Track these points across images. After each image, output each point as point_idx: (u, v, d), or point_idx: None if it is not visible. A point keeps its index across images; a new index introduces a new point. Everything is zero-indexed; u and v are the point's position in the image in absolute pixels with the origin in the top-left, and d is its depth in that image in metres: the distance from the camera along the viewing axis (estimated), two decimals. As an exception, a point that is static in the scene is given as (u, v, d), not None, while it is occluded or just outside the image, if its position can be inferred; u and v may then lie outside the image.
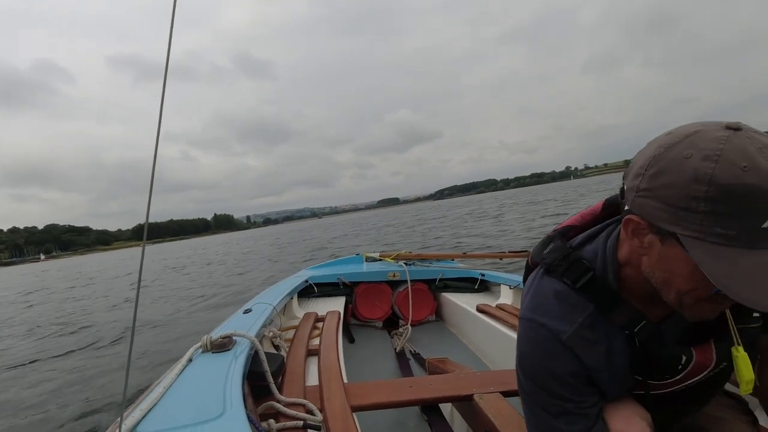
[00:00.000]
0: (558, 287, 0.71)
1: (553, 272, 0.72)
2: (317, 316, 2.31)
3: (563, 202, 24.48)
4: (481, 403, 1.21)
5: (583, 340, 0.68)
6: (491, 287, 3.01)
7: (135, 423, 0.84)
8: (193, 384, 1.03)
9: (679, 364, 0.70)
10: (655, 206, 0.54)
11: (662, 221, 0.54)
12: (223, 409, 0.88)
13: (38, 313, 9.88)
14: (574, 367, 0.69)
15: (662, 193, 0.53)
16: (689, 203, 0.51)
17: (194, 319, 6.40)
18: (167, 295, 9.47)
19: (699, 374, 0.72)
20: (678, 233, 0.53)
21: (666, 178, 0.53)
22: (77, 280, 20.34)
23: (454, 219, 19.13)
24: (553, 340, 0.69)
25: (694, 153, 0.51)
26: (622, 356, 0.69)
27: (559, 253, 0.73)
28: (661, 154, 0.54)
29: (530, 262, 0.83)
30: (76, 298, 12.11)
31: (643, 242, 0.59)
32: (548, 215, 15.67)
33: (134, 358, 4.03)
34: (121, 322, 7.00)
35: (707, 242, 0.51)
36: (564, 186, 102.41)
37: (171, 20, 0.64)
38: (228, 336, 1.29)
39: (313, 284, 2.99)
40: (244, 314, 1.80)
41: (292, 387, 1.36)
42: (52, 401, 3.79)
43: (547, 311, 0.70)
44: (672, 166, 0.52)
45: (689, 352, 0.69)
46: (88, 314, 8.45)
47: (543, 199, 32.11)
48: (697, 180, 0.50)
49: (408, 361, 2.36)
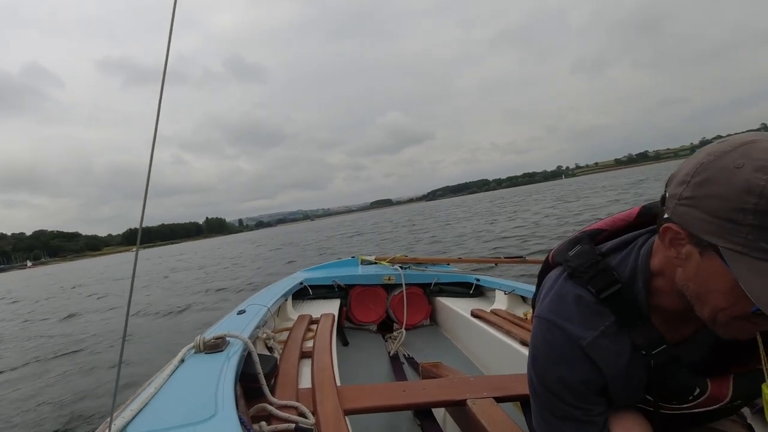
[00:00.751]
0: (581, 293, 0.68)
1: (578, 277, 0.69)
2: (311, 319, 2.30)
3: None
4: (474, 409, 1.21)
5: (602, 349, 0.66)
6: (486, 292, 3.01)
7: (125, 423, 0.83)
8: (184, 385, 1.02)
9: (690, 395, 0.68)
10: (698, 216, 0.52)
11: (704, 232, 0.51)
12: (215, 410, 0.87)
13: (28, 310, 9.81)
14: (588, 374, 0.67)
15: (707, 203, 0.51)
16: (736, 215, 0.48)
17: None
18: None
19: (710, 406, 0.70)
20: (720, 246, 0.50)
21: (713, 188, 0.50)
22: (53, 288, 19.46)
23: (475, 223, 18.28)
24: (571, 344, 0.67)
25: (747, 163, 0.48)
26: (639, 372, 0.68)
27: (586, 259, 0.69)
28: (710, 162, 0.52)
29: (551, 260, 0.79)
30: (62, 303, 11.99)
31: (680, 253, 0.56)
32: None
33: (125, 358, 3.99)
34: (110, 324, 6.93)
35: (751, 257, 0.48)
36: (560, 184, 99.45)
37: (170, 24, 0.63)
38: (221, 337, 1.28)
39: (308, 286, 2.98)
40: (238, 315, 1.79)
41: (285, 389, 1.35)
42: (40, 402, 3.75)
43: (569, 315, 0.68)
44: (721, 176, 0.50)
45: (704, 384, 0.67)
46: (78, 318, 8.37)
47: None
48: (747, 191, 0.47)
49: (402, 365, 2.35)
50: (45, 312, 10.49)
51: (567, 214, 14.77)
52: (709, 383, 0.67)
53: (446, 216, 29.76)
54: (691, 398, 0.68)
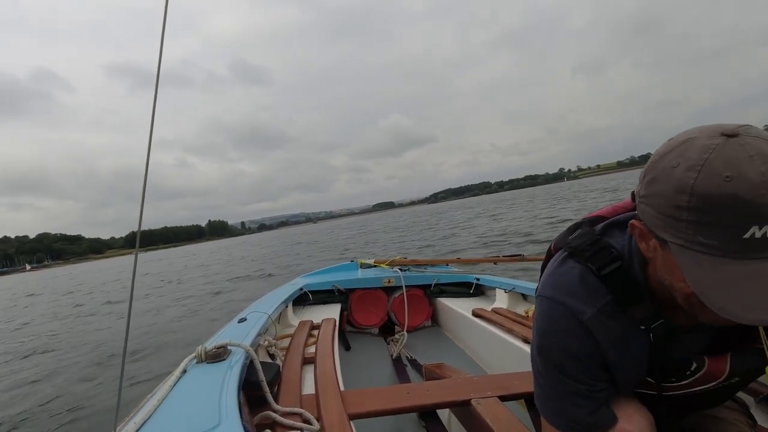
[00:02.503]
0: (580, 271, 0.70)
1: (578, 256, 0.71)
2: (312, 324, 2.29)
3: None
4: (479, 408, 1.21)
5: (602, 324, 0.67)
6: (486, 291, 3.02)
7: None
8: (187, 396, 1.02)
9: (688, 370, 0.69)
10: (651, 213, 0.55)
11: (656, 228, 0.55)
12: (219, 420, 0.86)
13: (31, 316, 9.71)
14: (590, 348, 0.68)
15: (655, 201, 0.54)
16: (675, 212, 0.51)
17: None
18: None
19: (708, 383, 0.71)
20: (668, 240, 0.54)
21: (658, 186, 0.54)
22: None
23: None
24: (572, 319, 0.68)
25: (681, 162, 0.51)
26: (640, 347, 0.69)
27: (586, 239, 0.71)
28: (655, 162, 0.55)
29: (552, 248, 0.81)
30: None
31: (649, 246, 0.60)
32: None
33: (126, 370, 3.96)
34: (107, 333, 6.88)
35: (693, 250, 0.51)
36: (562, 186, 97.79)
37: (162, 28, 0.64)
38: (223, 346, 1.27)
39: (308, 292, 2.97)
40: (239, 323, 1.78)
41: (289, 396, 1.34)
42: (42, 415, 3.72)
43: (569, 291, 0.69)
44: (662, 175, 0.53)
45: (701, 359, 0.69)
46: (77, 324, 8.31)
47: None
48: (680, 190, 0.50)
49: (405, 368, 2.34)
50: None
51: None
52: (707, 360, 0.69)
53: (461, 216, 29.19)
54: (689, 373, 0.69)
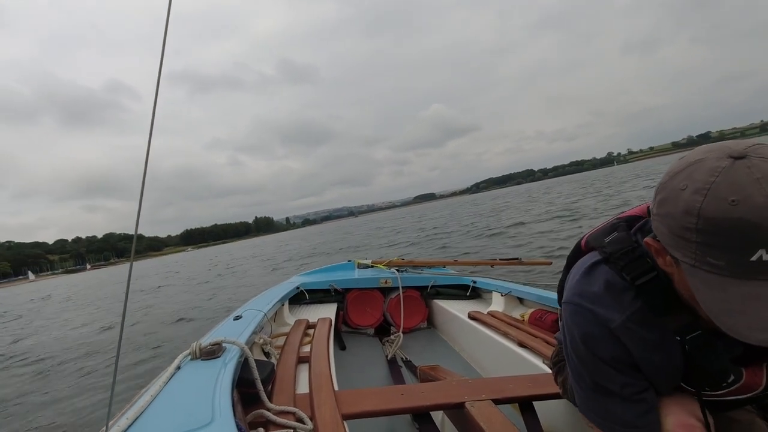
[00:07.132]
0: (610, 278, 0.70)
1: (613, 263, 0.71)
2: (308, 323, 2.29)
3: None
4: (473, 411, 1.21)
5: (631, 332, 0.68)
6: (483, 294, 3.02)
7: None
8: (180, 392, 1.01)
9: (724, 382, 0.69)
10: (663, 231, 0.57)
11: (669, 246, 0.56)
12: (212, 417, 0.86)
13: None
14: (621, 353, 0.69)
15: (667, 221, 0.56)
16: (684, 233, 0.53)
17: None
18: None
19: (743, 394, 0.71)
20: (680, 259, 0.55)
21: (668, 207, 0.55)
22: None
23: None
24: (600, 326, 0.69)
25: (689, 185, 0.53)
26: (673, 357, 0.69)
27: (623, 245, 0.71)
28: (665, 183, 0.57)
29: (583, 245, 0.81)
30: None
31: (666, 262, 0.61)
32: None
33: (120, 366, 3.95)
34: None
35: (702, 270, 0.53)
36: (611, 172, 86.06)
37: (164, 28, 0.64)
38: (217, 343, 1.27)
39: (305, 291, 2.97)
40: (235, 321, 1.78)
41: (282, 395, 1.34)
42: (35, 410, 3.70)
43: (597, 298, 0.70)
44: (671, 197, 0.55)
45: (739, 371, 0.69)
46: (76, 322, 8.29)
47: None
48: (687, 212, 0.52)
49: (399, 369, 2.34)
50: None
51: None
52: (744, 371, 0.69)
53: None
54: (725, 385, 0.70)
